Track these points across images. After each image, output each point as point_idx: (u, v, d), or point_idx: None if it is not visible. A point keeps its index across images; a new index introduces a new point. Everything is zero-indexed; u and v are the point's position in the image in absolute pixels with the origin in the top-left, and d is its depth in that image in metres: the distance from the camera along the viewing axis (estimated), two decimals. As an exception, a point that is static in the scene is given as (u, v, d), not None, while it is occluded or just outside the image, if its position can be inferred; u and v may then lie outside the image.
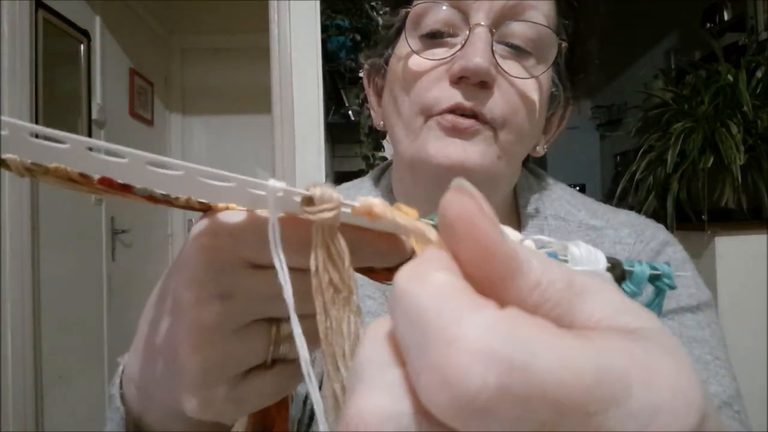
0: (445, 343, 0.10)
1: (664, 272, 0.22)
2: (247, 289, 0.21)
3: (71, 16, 1.97)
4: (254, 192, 0.18)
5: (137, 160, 0.17)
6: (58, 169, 0.18)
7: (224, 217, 0.21)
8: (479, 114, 0.41)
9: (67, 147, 0.17)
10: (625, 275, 0.21)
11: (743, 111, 1.35)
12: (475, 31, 0.41)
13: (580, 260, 0.20)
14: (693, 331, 0.42)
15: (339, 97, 1.93)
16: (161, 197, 0.20)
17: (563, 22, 0.45)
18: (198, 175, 0.18)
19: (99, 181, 0.19)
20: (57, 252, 1.83)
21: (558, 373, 0.10)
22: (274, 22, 1.63)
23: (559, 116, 0.51)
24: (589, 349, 0.11)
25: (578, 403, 0.10)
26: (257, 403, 0.24)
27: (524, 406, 0.10)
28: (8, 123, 0.16)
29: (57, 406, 1.81)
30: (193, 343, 0.21)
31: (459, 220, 0.13)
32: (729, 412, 0.39)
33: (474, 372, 0.10)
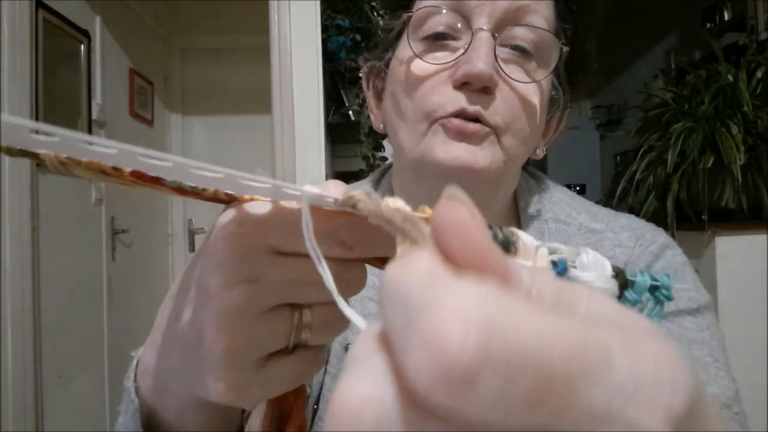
0: (427, 313, 0.11)
1: (664, 284, 0.22)
2: (272, 275, 0.22)
3: (71, 16, 1.97)
4: (290, 193, 0.19)
5: (180, 166, 0.18)
6: (90, 163, 0.19)
7: (250, 207, 0.22)
8: (482, 118, 0.41)
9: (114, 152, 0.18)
10: (628, 284, 0.22)
11: (743, 111, 1.35)
12: (478, 35, 0.41)
13: (587, 266, 0.21)
14: (692, 333, 0.43)
15: (339, 97, 1.93)
16: (189, 189, 0.21)
17: (563, 25, 0.45)
18: (237, 178, 0.19)
19: (131, 173, 0.19)
20: (57, 252, 1.83)
21: (538, 340, 0.10)
22: (274, 22, 1.63)
23: (558, 118, 0.51)
24: (570, 323, 0.11)
25: (559, 372, 0.10)
26: (279, 387, 0.25)
27: (505, 374, 0.10)
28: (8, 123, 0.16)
29: (57, 406, 1.81)
30: (219, 326, 0.22)
31: (453, 227, 0.13)
32: (728, 414, 0.39)
33: (454, 335, 0.10)
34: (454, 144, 0.42)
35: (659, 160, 1.45)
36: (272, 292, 0.23)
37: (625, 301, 0.22)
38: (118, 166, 0.19)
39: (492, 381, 0.10)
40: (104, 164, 0.19)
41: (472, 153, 0.41)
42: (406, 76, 0.44)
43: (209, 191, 0.21)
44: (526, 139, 0.44)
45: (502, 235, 0.19)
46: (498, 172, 0.43)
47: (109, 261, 2.25)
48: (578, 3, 0.46)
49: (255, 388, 0.24)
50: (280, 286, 0.23)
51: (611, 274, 0.21)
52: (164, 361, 0.28)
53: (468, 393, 0.10)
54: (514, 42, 0.42)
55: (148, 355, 0.29)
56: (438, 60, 0.43)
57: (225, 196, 0.22)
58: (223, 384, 0.23)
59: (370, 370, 0.12)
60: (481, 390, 0.10)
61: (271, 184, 0.19)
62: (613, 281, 0.21)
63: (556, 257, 0.21)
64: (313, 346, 0.25)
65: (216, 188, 0.20)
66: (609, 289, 0.21)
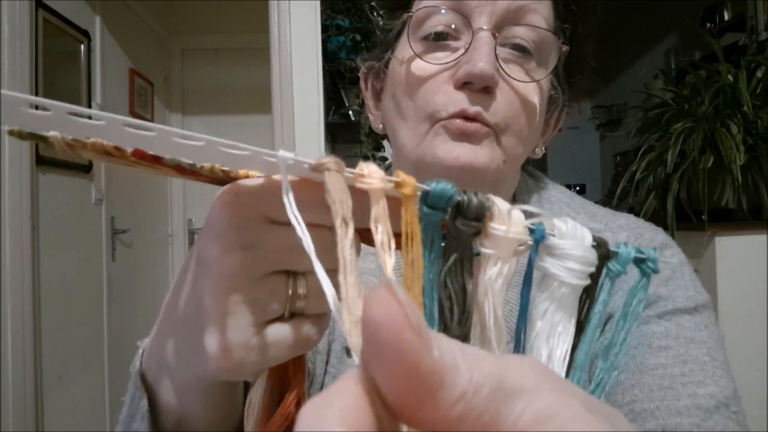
0: None
1: (650, 256, 0.22)
2: (266, 241, 0.24)
3: (71, 16, 1.97)
4: (268, 159, 0.20)
5: (164, 134, 0.19)
6: (95, 144, 0.20)
7: (245, 181, 0.23)
8: (482, 120, 0.41)
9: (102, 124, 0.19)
10: (610, 255, 0.22)
11: (743, 111, 1.35)
12: (479, 35, 0.41)
13: (565, 235, 0.21)
14: (690, 332, 0.43)
15: (339, 97, 1.92)
16: (188, 166, 0.21)
17: (562, 25, 0.45)
18: (218, 146, 0.20)
19: (132, 153, 0.20)
20: (57, 252, 1.83)
21: None
22: (274, 22, 1.63)
23: (556, 118, 0.51)
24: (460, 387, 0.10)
25: None
26: (276, 353, 0.25)
27: None
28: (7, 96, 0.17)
29: (57, 406, 1.81)
30: (217, 290, 0.23)
31: (384, 331, 0.11)
32: (726, 413, 0.39)
33: None
34: (455, 144, 0.42)
35: (659, 160, 1.45)
36: (267, 258, 0.24)
37: (608, 272, 0.22)
38: (120, 147, 0.20)
39: None
40: (107, 145, 0.20)
41: (473, 152, 0.41)
42: (406, 76, 0.44)
43: (206, 169, 0.22)
44: (525, 138, 0.44)
45: (477, 200, 0.20)
46: (498, 171, 0.43)
47: (109, 261, 2.25)
48: (577, 3, 0.46)
49: (252, 354, 0.24)
50: (274, 253, 0.24)
51: (591, 243, 0.21)
52: (167, 343, 0.28)
53: None
54: (514, 41, 0.42)
55: (153, 342, 0.30)
56: (438, 60, 0.43)
57: (222, 174, 0.23)
58: (221, 349, 0.24)
59: None
60: None
61: (250, 150, 0.20)
62: (592, 250, 0.21)
63: (533, 224, 0.21)
64: (310, 316, 0.26)
65: (204, 162, 0.21)
66: (586, 257, 0.21)
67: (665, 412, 0.39)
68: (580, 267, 0.21)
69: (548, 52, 0.44)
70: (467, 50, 0.41)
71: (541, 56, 0.43)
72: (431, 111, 0.42)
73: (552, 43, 0.43)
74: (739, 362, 0.44)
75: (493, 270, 0.20)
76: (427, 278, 0.20)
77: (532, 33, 0.42)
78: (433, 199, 0.19)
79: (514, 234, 0.20)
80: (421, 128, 0.43)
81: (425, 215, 0.20)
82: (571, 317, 0.22)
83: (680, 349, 0.41)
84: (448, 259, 0.20)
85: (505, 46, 0.42)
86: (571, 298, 0.21)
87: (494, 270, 0.20)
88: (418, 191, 0.20)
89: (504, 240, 0.20)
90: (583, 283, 0.21)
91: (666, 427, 0.38)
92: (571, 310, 0.22)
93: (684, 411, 0.38)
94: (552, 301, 0.21)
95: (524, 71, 0.43)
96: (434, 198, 0.19)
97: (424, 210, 0.20)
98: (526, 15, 0.42)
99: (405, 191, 0.19)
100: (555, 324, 0.21)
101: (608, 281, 0.22)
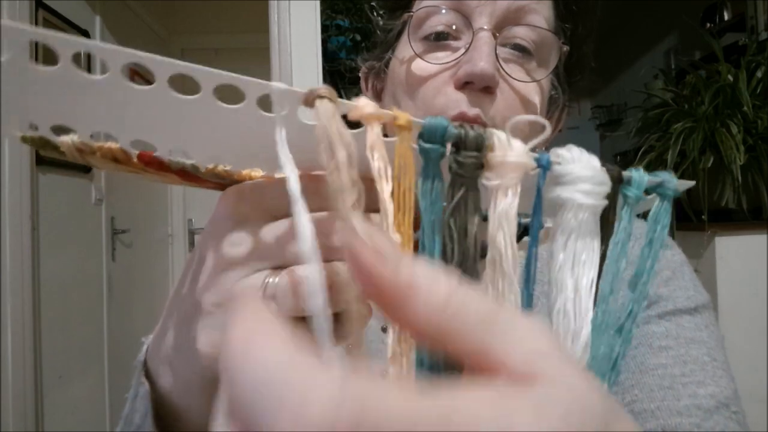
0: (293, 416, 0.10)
1: (665, 179, 0.21)
2: (267, 236, 0.24)
3: (71, 16, 1.97)
4: (259, 84, 0.19)
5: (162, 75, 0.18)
6: (102, 147, 0.20)
7: (247, 182, 0.24)
8: (482, 122, 0.41)
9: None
10: (623, 178, 0.21)
11: (743, 111, 1.35)
12: (479, 35, 0.41)
13: (571, 161, 0.21)
14: (690, 333, 0.43)
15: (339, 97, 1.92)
16: (192, 169, 0.22)
17: (562, 25, 0.45)
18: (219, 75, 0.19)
19: (138, 157, 0.21)
20: (57, 252, 1.83)
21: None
22: (274, 22, 1.63)
23: (557, 118, 0.51)
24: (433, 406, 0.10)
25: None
26: None
27: None
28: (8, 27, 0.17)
29: (57, 406, 1.81)
30: (212, 285, 0.24)
31: (353, 254, 0.14)
32: (726, 413, 0.39)
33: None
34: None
35: (659, 160, 1.45)
36: (266, 254, 0.24)
37: (626, 199, 0.21)
38: (126, 151, 0.20)
39: None
40: (115, 150, 0.20)
41: None
42: (406, 76, 0.44)
43: (209, 171, 0.22)
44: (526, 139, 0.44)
45: (474, 132, 0.19)
46: None
47: (109, 261, 2.25)
48: (578, 2, 0.46)
49: None
50: (274, 249, 0.24)
51: (599, 165, 0.21)
52: (169, 339, 0.29)
53: None
54: (515, 41, 0.42)
55: (156, 338, 0.30)
56: (439, 60, 0.43)
57: (225, 174, 0.23)
58: (211, 344, 0.24)
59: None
60: None
61: (248, 80, 0.20)
62: (602, 171, 0.21)
63: (537, 152, 0.20)
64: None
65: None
66: (598, 177, 0.20)
67: (665, 412, 0.39)
68: (593, 187, 0.20)
69: (549, 52, 0.44)
70: (468, 50, 0.41)
71: (541, 56, 0.43)
72: (430, 112, 0.42)
73: (552, 43, 0.43)
74: (739, 362, 0.44)
75: (504, 201, 0.19)
76: (428, 220, 0.19)
77: (532, 33, 0.42)
78: (429, 132, 0.19)
79: (517, 158, 0.19)
80: None
81: (425, 151, 0.19)
82: (594, 242, 0.21)
83: (680, 349, 0.41)
84: (453, 199, 0.19)
85: (506, 46, 0.42)
86: (590, 223, 0.20)
87: (505, 201, 0.19)
88: (413, 125, 0.19)
89: (508, 166, 0.19)
90: (600, 203, 0.20)
91: (666, 427, 0.38)
92: (592, 235, 0.21)
93: (684, 411, 0.38)
94: (571, 230, 0.20)
95: (525, 71, 0.43)
96: (430, 131, 0.19)
97: (422, 145, 0.19)
98: (526, 15, 0.42)
99: (399, 122, 0.19)
100: (578, 252, 0.20)
101: (627, 209, 0.21)
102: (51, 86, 0.18)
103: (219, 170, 0.22)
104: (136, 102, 0.19)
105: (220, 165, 0.22)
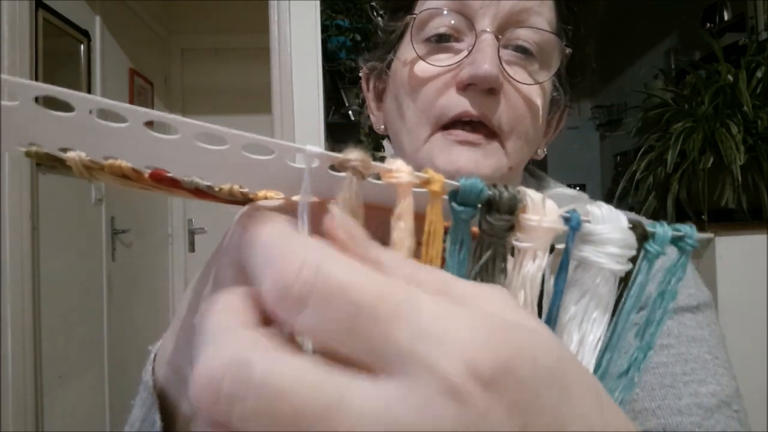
0: (278, 256, 0.14)
1: (687, 233, 0.21)
2: None
3: (71, 16, 1.97)
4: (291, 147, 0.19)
5: (187, 132, 0.17)
6: (112, 165, 0.20)
7: (266, 203, 0.23)
8: (487, 121, 0.41)
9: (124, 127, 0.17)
10: (647, 235, 0.21)
11: (743, 111, 1.35)
12: (482, 37, 0.41)
13: (601, 219, 0.20)
14: (692, 331, 0.42)
15: (339, 97, 1.92)
16: (206, 189, 0.21)
17: (564, 26, 0.45)
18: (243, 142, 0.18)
19: (150, 175, 0.20)
20: (57, 252, 1.83)
21: (353, 282, 0.13)
22: (274, 22, 1.63)
23: (557, 118, 0.51)
24: (390, 279, 0.14)
25: (366, 306, 0.13)
26: None
27: (325, 301, 0.13)
28: (12, 82, 0.16)
29: (57, 406, 1.80)
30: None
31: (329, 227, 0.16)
32: (728, 412, 0.39)
33: (291, 269, 0.13)
34: (455, 149, 0.41)
35: (659, 160, 1.45)
36: None
37: (647, 254, 0.21)
38: (137, 169, 0.20)
39: (315, 305, 0.13)
40: (125, 168, 0.19)
41: (475, 161, 0.41)
42: (408, 78, 0.44)
43: (224, 191, 0.21)
44: (529, 141, 0.44)
45: (508, 193, 0.19)
46: (501, 179, 0.43)
47: (109, 261, 2.25)
48: (579, 4, 0.46)
49: None
50: None
51: (628, 226, 0.21)
52: (183, 350, 0.28)
53: (299, 311, 0.13)
54: (517, 43, 0.42)
55: (168, 346, 0.30)
56: (441, 62, 0.43)
57: (240, 196, 0.22)
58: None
59: (226, 341, 0.14)
60: (309, 312, 0.13)
61: (277, 144, 0.19)
62: (630, 233, 0.20)
63: (567, 211, 0.20)
64: None
65: (221, 177, 0.20)
66: (626, 239, 0.20)
67: (666, 410, 0.38)
68: (620, 251, 0.20)
69: (551, 54, 0.44)
70: (470, 52, 0.41)
71: (543, 58, 0.43)
72: (432, 114, 0.42)
73: (555, 45, 0.43)
74: (739, 362, 0.44)
75: (531, 265, 0.19)
76: None
77: (535, 35, 0.42)
78: (463, 194, 0.19)
79: (550, 223, 0.19)
80: (422, 132, 0.43)
81: (456, 213, 0.19)
82: (608, 305, 0.21)
83: (682, 347, 0.41)
84: (480, 259, 0.19)
85: (508, 48, 0.42)
86: (609, 284, 0.21)
87: (532, 264, 0.19)
88: (446, 188, 0.19)
89: (540, 230, 0.19)
90: (625, 267, 0.20)
91: (667, 426, 0.38)
92: (607, 298, 0.21)
93: (685, 410, 0.38)
94: (588, 288, 0.20)
95: (527, 73, 0.43)
96: (464, 194, 0.19)
97: (455, 207, 0.19)
98: (529, 17, 0.42)
99: (433, 188, 0.19)
100: (590, 310, 0.21)
101: (646, 263, 0.21)
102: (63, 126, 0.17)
103: (235, 191, 0.21)
104: (159, 148, 0.18)
105: (235, 186, 0.21)
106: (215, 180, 0.21)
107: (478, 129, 0.42)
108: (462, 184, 0.19)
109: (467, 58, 0.41)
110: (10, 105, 0.16)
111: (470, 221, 0.19)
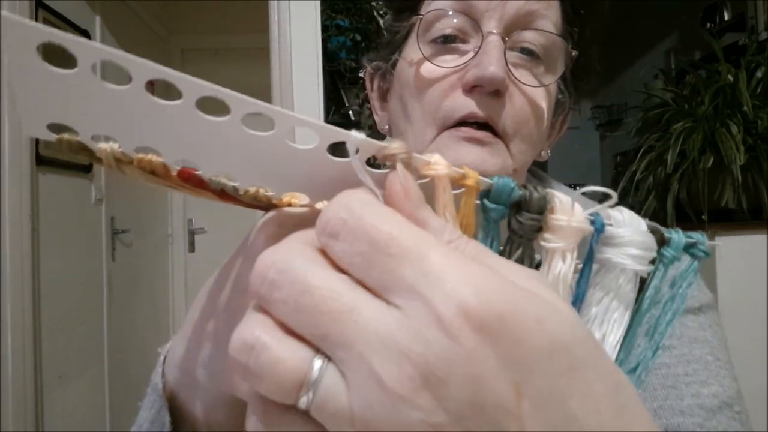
0: (331, 202, 0.17)
1: (699, 240, 0.22)
2: None
3: (71, 16, 1.97)
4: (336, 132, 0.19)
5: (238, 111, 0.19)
6: (142, 160, 0.20)
7: (290, 210, 0.24)
8: (492, 124, 0.41)
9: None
10: (665, 240, 0.22)
11: (743, 111, 1.35)
12: (488, 39, 0.41)
13: (623, 223, 0.21)
14: (694, 332, 0.43)
15: (339, 97, 1.92)
16: (231, 191, 0.21)
17: (570, 29, 0.45)
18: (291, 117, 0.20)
19: (178, 173, 0.20)
20: (57, 252, 1.83)
21: (373, 225, 0.16)
22: (274, 22, 1.63)
23: (561, 121, 0.51)
24: (412, 231, 0.16)
25: (381, 244, 0.15)
26: None
27: (354, 235, 0.16)
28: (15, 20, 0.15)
29: (57, 406, 1.80)
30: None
31: (390, 191, 0.18)
32: (729, 413, 0.39)
33: (332, 213, 0.17)
34: (462, 146, 0.41)
35: (659, 160, 1.45)
36: None
37: (662, 258, 0.22)
38: (167, 164, 0.20)
39: (344, 238, 0.16)
40: (156, 163, 0.20)
41: (481, 159, 0.41)
42: (414, 79, 0.44)
43: (249, 194, 0.22)
44: (533, 144, 0.44)
45: (538, 194, 0.20)
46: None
47: (109, 261, 2.25)
48: (585, 6, 0.45)
49: None
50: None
51: (647, 230, 0.21)
52: (195, 355, 0.28)
53: (334, 243, 0.16)
54: (523, 46, 0.42)
55: (179, 349, 0.29)
56: (447, 63, 0.42)
57: (265, 200, 0.22)
58: None
59: (283, 246, 0.17)
60: (339, 243, 0.16)
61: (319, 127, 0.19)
62: (650, 235, 0.21)
63: (590, 214, 0.21)
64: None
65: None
66: (647, 242, 0.21)
67: (668, 411, 0.39)
68: (642, 253, 0.21)
69: (557, 57, 0.44)
70: (477, 54, 0.41)
71: (549, 61, 0.43)
72: (438, 115, 0.42)
73: (561, 48, 0.43)
74: (739, 362, 0.44)
75: (562, 265, 0.20)
76: None
77: (541, 37, 0.42)
78: (495, 193, 0.20)
79: (578, 223, 0.20)
80: (427, 133, 0.43)
81: (487, 210, 0.20)
82: (628, 306, 0.22)
83: (684, 348, 0.41)
84: (509, 258, 0.20)
85: (514, 50, 0.42)
86: (631, 284, 0.21)
87: (563, 265, 0.20)
88: (480, 185, 0.20)
89: (569, 230, 0.20)
90: (647, 268, 0.21)
91: (669, 427, 0.38)
92: (629, 298, 0.22)
93: (687, 411, 0.38)
94: (610, 289, 0.21)
95: (533, 75, 0.43)
96: (496, 192, 0.20)
97: (487, 204, 0.20)
98: (535, 19, 0.42)
99: (468, 183, 0.20)
100: (611, 311, 0.21)
101: (662, 267, 0.22)
102: (107, 105, 0.17)
103: (260, 195, 0.22)
104: (207, 133, 0.19)
105: (261, 189, 0.22)
106: (243, 175, 0.21)
107: (484, 129, 0.42)
108: (496, 183, 0.20)
109: (473, 60, 0.41)
110: (64, 73, 0.16)
111: (500, 221, 0.20)
